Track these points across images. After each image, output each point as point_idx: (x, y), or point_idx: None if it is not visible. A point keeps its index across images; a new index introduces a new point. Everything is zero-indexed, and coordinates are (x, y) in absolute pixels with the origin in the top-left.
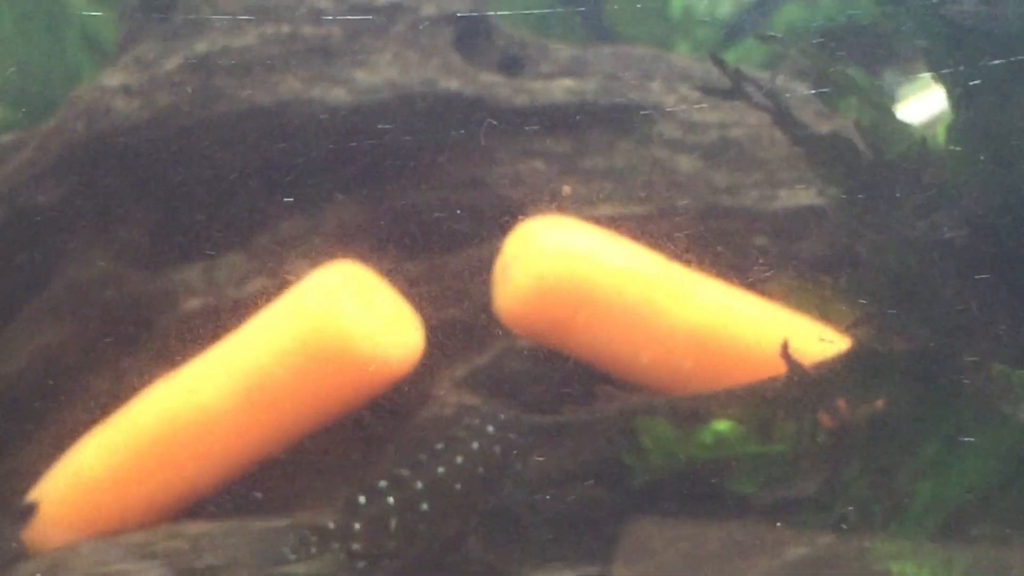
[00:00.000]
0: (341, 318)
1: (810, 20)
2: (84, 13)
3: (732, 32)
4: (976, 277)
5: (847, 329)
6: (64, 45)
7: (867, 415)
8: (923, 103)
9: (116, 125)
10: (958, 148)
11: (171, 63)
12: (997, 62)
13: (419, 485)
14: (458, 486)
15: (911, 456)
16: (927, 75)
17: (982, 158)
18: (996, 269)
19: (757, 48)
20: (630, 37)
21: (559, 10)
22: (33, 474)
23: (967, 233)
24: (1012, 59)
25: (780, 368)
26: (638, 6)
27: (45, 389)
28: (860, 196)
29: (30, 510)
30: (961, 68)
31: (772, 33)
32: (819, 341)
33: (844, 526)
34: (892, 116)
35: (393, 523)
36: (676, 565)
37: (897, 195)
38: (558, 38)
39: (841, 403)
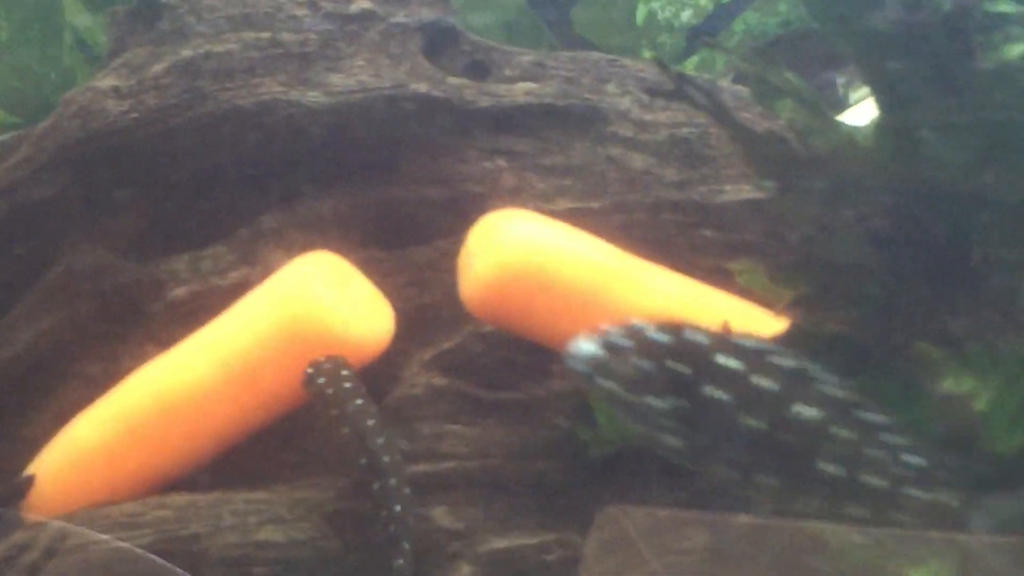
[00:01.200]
0: (317, 304)
1: (768, 26)
2: (77, 20)
3: (694, 39)
4: (898, 262)
5: (782, 312)
6: (59, 51)
7: None
8: (871, 106)
9: (108, 125)
10: (880, 144)
11: (158, 67)
12: (906, 65)
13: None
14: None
15: None
16: None
17: (897, 153)
18: (915, 255)
19: (719, 54)
20: (599, 45)
21: (528, 19)
22: (31, 450)
23: (888, 222)
24: (917, 62)
25: None
26: (605, 15)
27: (42, 371)
28: (791, 189)
29: (27, 483)
30: (880, 72)
31: (718, 40)
32: (759, 324)
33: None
34: (824, 115)
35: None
36: (630, 533)
37: (825, 188)
38: (528, 46)
39: None
